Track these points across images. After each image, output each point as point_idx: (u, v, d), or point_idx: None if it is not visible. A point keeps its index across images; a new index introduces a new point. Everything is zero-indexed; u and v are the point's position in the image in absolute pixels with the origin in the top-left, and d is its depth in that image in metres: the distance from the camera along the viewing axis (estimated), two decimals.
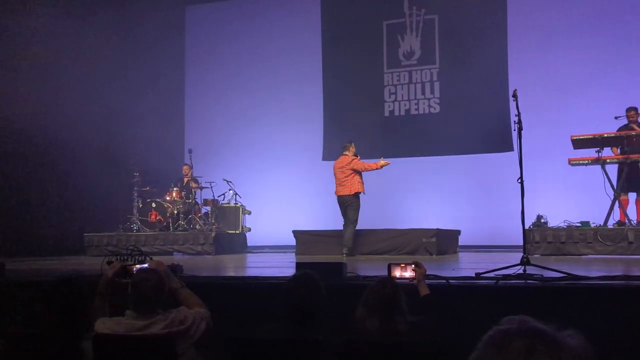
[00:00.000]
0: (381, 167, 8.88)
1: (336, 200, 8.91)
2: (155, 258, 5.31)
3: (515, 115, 5.26)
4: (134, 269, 3.67)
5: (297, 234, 9.52)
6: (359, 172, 8.81)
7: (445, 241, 8.93)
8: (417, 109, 11.38)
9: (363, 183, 8.85)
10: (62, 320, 3.14)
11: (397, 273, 3.95)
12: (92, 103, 10.16)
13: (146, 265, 3.70)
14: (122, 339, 3.07)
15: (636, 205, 8.11)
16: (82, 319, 3.18)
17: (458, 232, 9.61)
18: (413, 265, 3.84)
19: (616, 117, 8.43)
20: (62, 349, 3.07)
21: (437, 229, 8.77)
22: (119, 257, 5.12)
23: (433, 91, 11.26)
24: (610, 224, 7.99)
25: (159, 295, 3.21)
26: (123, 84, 10.81)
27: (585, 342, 1.11)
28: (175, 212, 10.58)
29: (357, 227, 9.49)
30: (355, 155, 9.02)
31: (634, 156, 7.94)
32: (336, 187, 8.91)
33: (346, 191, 8.78)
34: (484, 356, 1.10)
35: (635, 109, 8.36)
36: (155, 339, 3.05)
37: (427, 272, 4.54)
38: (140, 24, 10.97)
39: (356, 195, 8.80)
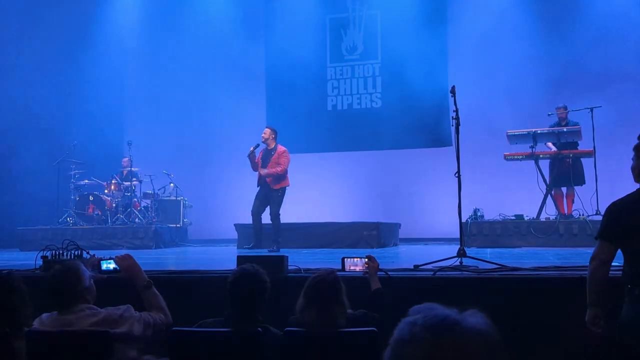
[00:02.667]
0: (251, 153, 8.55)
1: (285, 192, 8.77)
2: (92, 252, 5.22)
3: (453, 111, 5.40)
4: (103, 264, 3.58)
5: (239, 227, 9.47)
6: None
7: (385, 234, 9.08)
8: (359, 104, 11.49)
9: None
10: None
11: (349, 267, 4.01)
12: (26, 93, 9.80)
13: (112, 259, 3.60)
14: (54, 335, 2.99)
15: (566, 199, 8.45)
16: (17, 315, 3.10)
17: (398, 225, 9.79)
18: (365, 259, 3.90)
19: (549, 114, 8.77)
20: None
21: (377, 222, 8.90)
22: (54, 251, 4.99)
23: (375, 86, 11.39)
24: (542, 217, 8.31)
25: (72, 288, 3.10)
26: (59, 73, 10.46)
27: (487, 320, 1.17)
28: (114, 205, 10.35)
29: (299, 220, 9.54)
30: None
31: (565, 152, 8.28)
32: None
33: None
34: (395, 351, 1.13)
35: (565, 106, 8.72)
36: (88, 336, 2.97)
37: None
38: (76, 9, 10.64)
39: None
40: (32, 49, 9.95)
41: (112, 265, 3.54)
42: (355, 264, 4.02)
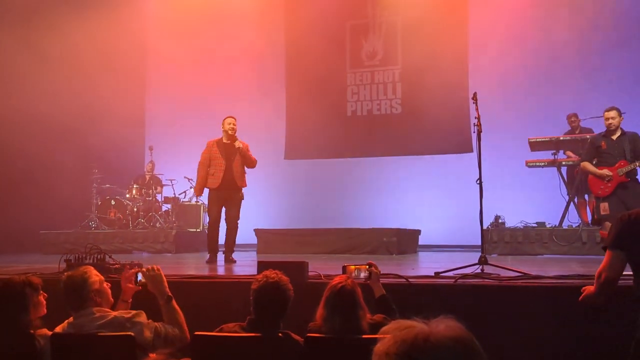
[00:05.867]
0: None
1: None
2: (114, 256, 5.27)
3: (475, 118, 5.38)
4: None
5: (259, 232, 9.50)
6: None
7: (405, 241, 9.04)
8: (379, 109, 11.47)
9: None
10: (17, 318, 3.11)
11: (352, 274, 3.97)
12: (48, 99, 9.93)
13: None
14: (77, 338, 3.05)
15: (589, 207, 8.36)
16: (33, 318, 3.15)
17: (418, 232, 9.74)
18: (367, 266, 3.87)
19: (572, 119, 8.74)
20: (17, 347, 3.03)
21: (397, 228, 8.86)
22: (76, 255, 5.05)
23: (395, 92, 11.37)
24: (565, 225, 8.22)
25: (79, 291, 3.17)
26: (81, 78, 10.58)
27: (458, 324, 1.19)
28: (135, 209, 10.44)
29: (318, 226, 9.52)
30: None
31: None
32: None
33: None
34: None
35: (576, 114, 8.73)
36: (112, 339, 3.01)
37: (388, 272, 4.62)
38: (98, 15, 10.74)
39: None
40: (51, 54, 10.07)
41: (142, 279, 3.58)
42: (357, 271, 3.97)
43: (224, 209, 7.43)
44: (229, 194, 7.34)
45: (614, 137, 6.44)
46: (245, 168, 7.56)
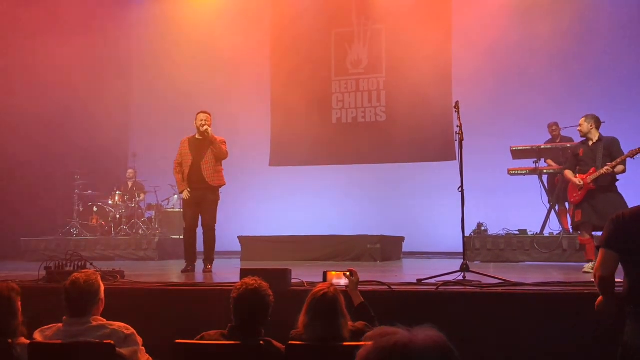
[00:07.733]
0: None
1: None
2: (96, 263, 5.24)
3: (457, 126, 5.43)
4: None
5: (242, 239, 9.48)
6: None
7: (389, 248, 9.07)
8: (363, 117, 11.52)
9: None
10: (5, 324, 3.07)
11: (333, 280, 3.98)
12: (29, 104, 9.84)
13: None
14: (58, 347, 2.99)
15: (569, 214, 8.44)
16: (11, 326, 3.12)
17: (402, 239, 9.78)
18: (348, 274, 3.88)
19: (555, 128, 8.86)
20: None
21: (381, 235, 8.90)
22: (57, 262, 5.01)
23: (380, 100, 11.43)
24: (546, 233, 8.30)
25: (92, 298, 3.10)
26: (63, 82, 10.50)
27: (439, 333, 1.21)
28: (118, 216, 10.37)
29: (302, 233, 9.51)
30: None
31: None
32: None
33: None
34: None
35: (556, 123, 8.84)
36: (92, 348, 2.97)
37: (371, 279, 4.63)
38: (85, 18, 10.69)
39: None
40: (34, 60, 10.00)
41: None
42: (338, 278, 3.98)
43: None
44: (202, 194, 6.83)
45: (591, 144, 6.52)
46: (223, 165, 7.13)
